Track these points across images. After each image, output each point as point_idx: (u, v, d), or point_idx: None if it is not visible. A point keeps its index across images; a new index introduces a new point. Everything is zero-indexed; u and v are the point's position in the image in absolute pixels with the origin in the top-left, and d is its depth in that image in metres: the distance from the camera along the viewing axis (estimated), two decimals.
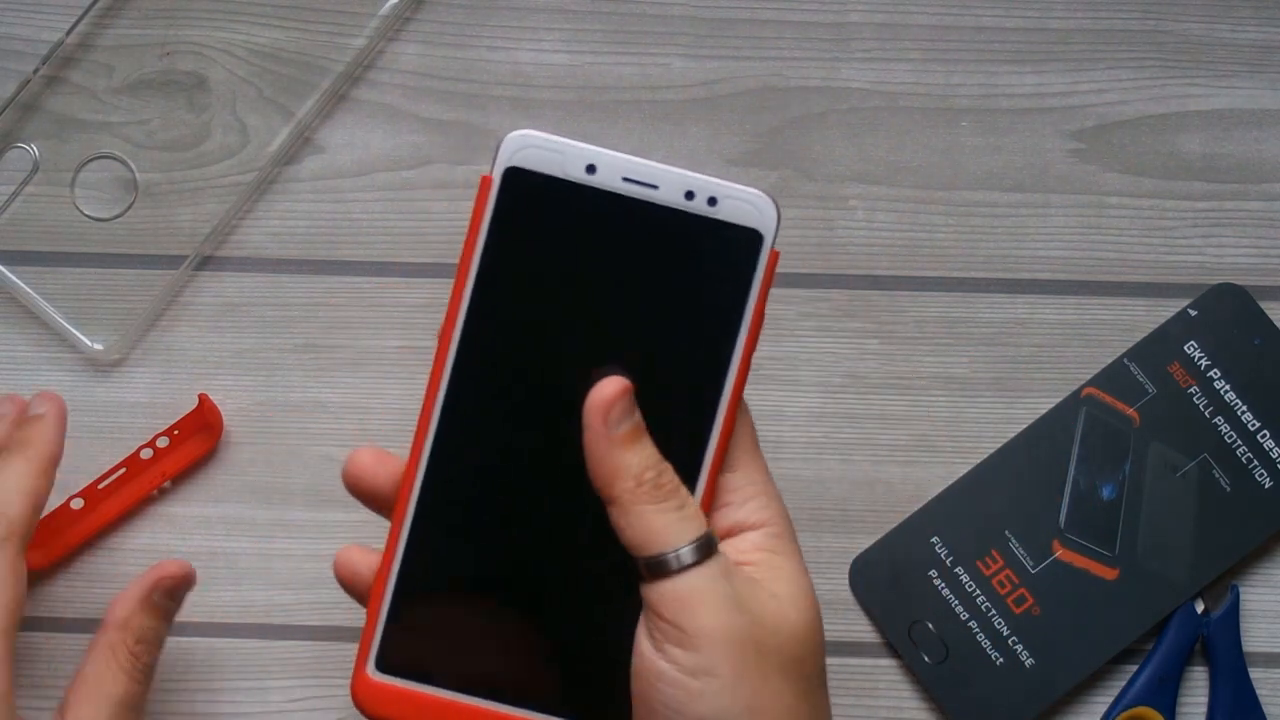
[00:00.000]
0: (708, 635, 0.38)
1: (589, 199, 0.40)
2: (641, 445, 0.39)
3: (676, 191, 0.40)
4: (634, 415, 0.39)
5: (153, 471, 0.58)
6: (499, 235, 0.40)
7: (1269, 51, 0.61)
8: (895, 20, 0.61)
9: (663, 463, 0.40)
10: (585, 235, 0.40)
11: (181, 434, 0.58)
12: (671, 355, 0.41)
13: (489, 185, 0.40)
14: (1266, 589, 0.59)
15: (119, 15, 0.60)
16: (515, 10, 0.61)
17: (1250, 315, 0.59)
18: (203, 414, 0.58)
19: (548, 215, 0.40)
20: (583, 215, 0.40)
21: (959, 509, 0.59)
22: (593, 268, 0.40)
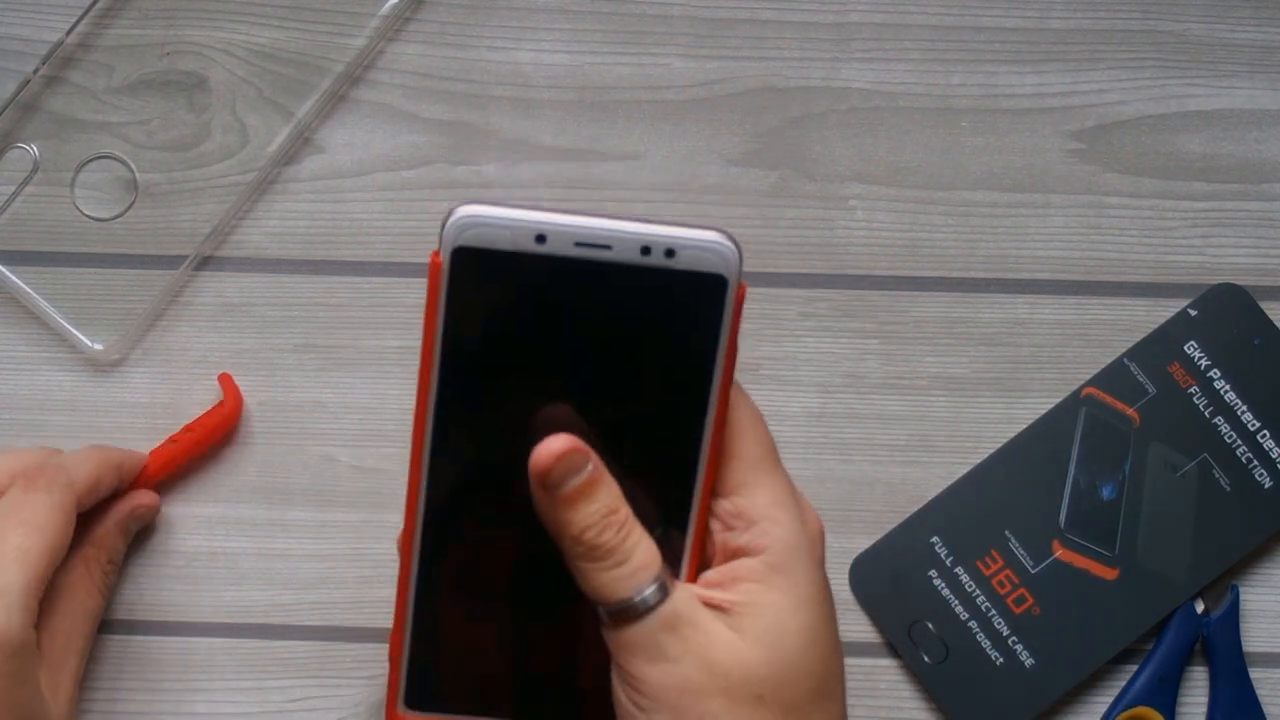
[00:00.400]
0: (646, 682, 0.40)
1: (543, 268, 0.39)
2: (584, 503, 0.40)
3: (631, 249, 0.39)
4: (578, 474, 0.40)
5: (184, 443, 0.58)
6: (457, 315, 0.40)
7: (1269, 51, 0.61)
8: (895, 20, 0.61)
9: (607, 518, 0.40)
10: (544, 304, 0.39)
11: (205, 419, 0.58)
12: (648, 406, 0.40)
13: (439, 267, 0.39)
14: (1266, 589, 0.59)
15: (119, 15, 0.59)
16: (515, 10, 0.61)
17: (1250, 315, 0.59)
18: (225, 399, 0.58)
19: (503, 290, 0.39)
20: (539, 285, 0.39)
21: (959, 509, 0.59)
22: (557, 334, 0.40)
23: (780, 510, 0.42)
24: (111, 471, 0.54)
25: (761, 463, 0.42)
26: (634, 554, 0.40)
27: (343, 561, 0.59)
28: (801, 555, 0.41)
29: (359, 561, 0.59)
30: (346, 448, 0.59)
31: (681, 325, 0.40)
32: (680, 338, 0.40)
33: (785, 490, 0.42)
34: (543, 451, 0.40)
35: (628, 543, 0.40)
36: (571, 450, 0.40)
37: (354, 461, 0.59)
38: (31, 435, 0.59)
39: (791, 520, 0.42)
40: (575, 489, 0.40)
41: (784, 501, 0.42)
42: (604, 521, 0.40)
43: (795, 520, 0.42)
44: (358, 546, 0.59)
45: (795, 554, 0.41)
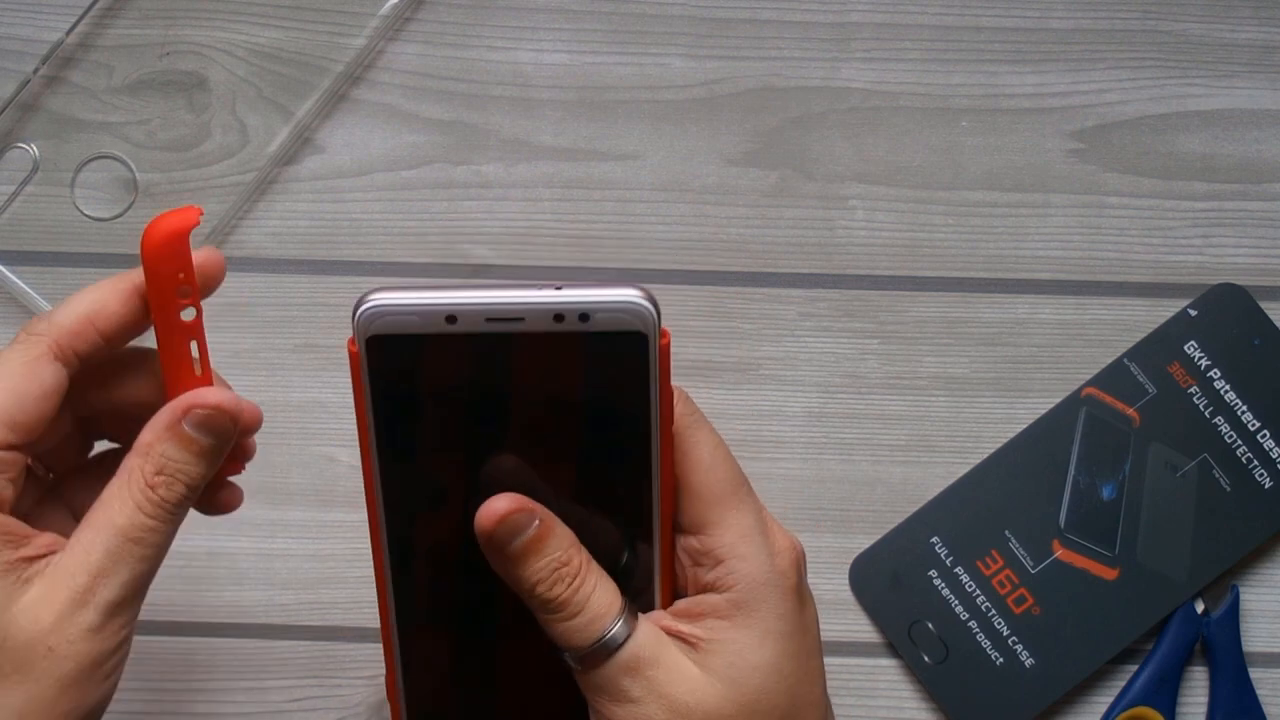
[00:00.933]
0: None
1: (459, 346, 0.39)
2: (533, 559, 0.41)
3: (544, 319, 0.38)
4: (523, 532, 0.40)
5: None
6: (383, 401, 0.40)
7: (1269, 51, 0.61)
8: (895, 20, 0.61)
9: (556, 572, 0.41)
10: (468, 378, 0.39)
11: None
12: (591, 460, 0.40)
13: (356, 357, 0.39)
14: (1266, 589, 0.59)
15: (119, 15, 0.59)
16: (515, 10, 0.61)
17: (1250, 315, 0.59)
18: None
19: (423, 370, 0.39)
20: (459, 362, 0.39)
21: (959, 509, 0.59)
22: (488, 403, 0.40)
23: (746, 545, 0.42)
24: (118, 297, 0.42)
25: (725, 498, 0.42)
26: (589, 603, 0.41)
27: (343, 561, 0.59)
28: (769, 590, 0.41)
29: (359, 561, 0.59)
30: (346, 448, 0.59)
31: (608, 382, 0.39)
32: (609, 394, 0.40)
33: (751, 524, 0.42)
34: (484, 514, 0.40)
35: (579, 594, 0.41)
36: (514, 510, 0.40)
37: (354, 461, 0.59)
38: None
39: (757, 555, 0.42)
40: (522, 546, 0.40)
41: (750, 536, 0.42)
42: (554, 576, 0.41)
43: (761, 554, 0.42)
44: (358, 546, 0.59)
45: (761, 589, 0.41)
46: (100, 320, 0.41)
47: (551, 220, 0.60)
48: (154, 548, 0.42)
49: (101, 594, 0.41)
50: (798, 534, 0.44)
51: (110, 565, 0.41)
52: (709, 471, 0.42)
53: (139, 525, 0.42)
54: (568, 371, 0.39)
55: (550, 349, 0.39)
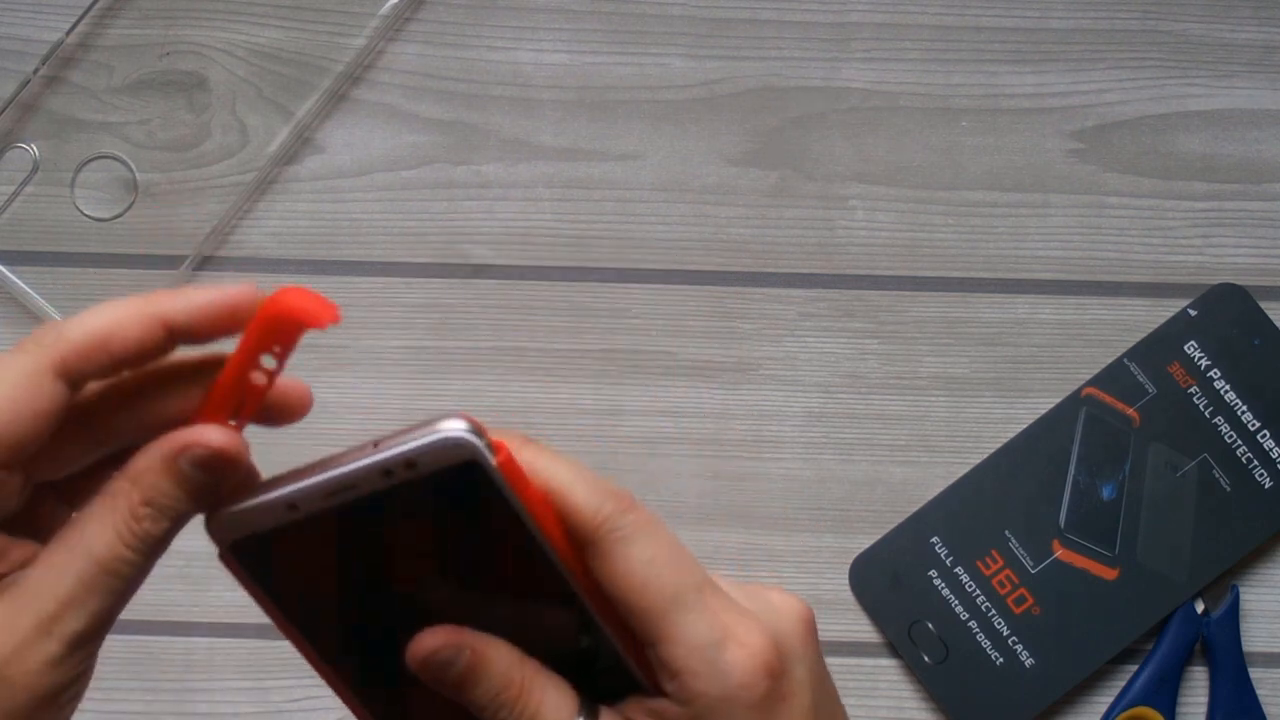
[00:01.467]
0: None
1: (314, 524, 0.39)
2: (471, 687, 0.40)
3: (376, 479, 0.38)
4: (453, 664, 0.40)
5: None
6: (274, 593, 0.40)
7: (1269, 51, 0.61)
8: (895, 20, 0.61)
9: (498, 698, 0.40)
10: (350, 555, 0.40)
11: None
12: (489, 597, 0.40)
13: (231, 564, 0.40)
14: (1266, 589, 0.59)
15: (119, 15, 0.59)
16: (515, 10, 0.60)
17: (1250, 315, 0.59)
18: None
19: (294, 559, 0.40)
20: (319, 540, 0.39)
21: (959, 509, 0.59)
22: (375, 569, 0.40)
23: (696, 660, 0.39)
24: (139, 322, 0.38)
25: (666, 612, 0.39)
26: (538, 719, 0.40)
27: None
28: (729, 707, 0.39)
29: None
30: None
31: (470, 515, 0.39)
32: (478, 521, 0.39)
33: (701, 635, 0.39)
34: (412, 652, 0.39)
35: (525, 716, 0.40)
36: (440, 646, 0.39)
37: None
38: None
39: (711, 671, 0.39)
40: (456, 678, 0.40)
41: (699, 649, 0.39)
42: (495, 702, 0.40)
43: (715, 669, 0.39)
44: None
45: (719, 705, 0.39)
46: (115, 343, 0.38)
47: (551, 220, 0.60)
48: (128, 581, 0.40)
49: (68, 624, 0.38)
50: (797, 534, 0.44)
51: (81, 594, 0.39)
52: (641, 589, 0.39)
53: (117, 556, 0.39)
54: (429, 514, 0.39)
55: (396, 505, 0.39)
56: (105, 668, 0.59)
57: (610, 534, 0.39)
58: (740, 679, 0.39)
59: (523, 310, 0.60)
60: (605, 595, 0.40)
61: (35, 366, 0.38)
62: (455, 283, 0.60)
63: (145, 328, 0.38)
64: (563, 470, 0.39)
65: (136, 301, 0.38)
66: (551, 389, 0.60)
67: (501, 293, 0.60)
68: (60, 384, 0.38)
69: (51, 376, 0.38)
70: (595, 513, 0.39)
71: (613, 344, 0.60)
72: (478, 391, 0.60)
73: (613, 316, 0.60)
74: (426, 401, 0.59)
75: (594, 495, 0.39)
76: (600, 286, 0.60)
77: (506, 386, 0.60)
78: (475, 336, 0.60)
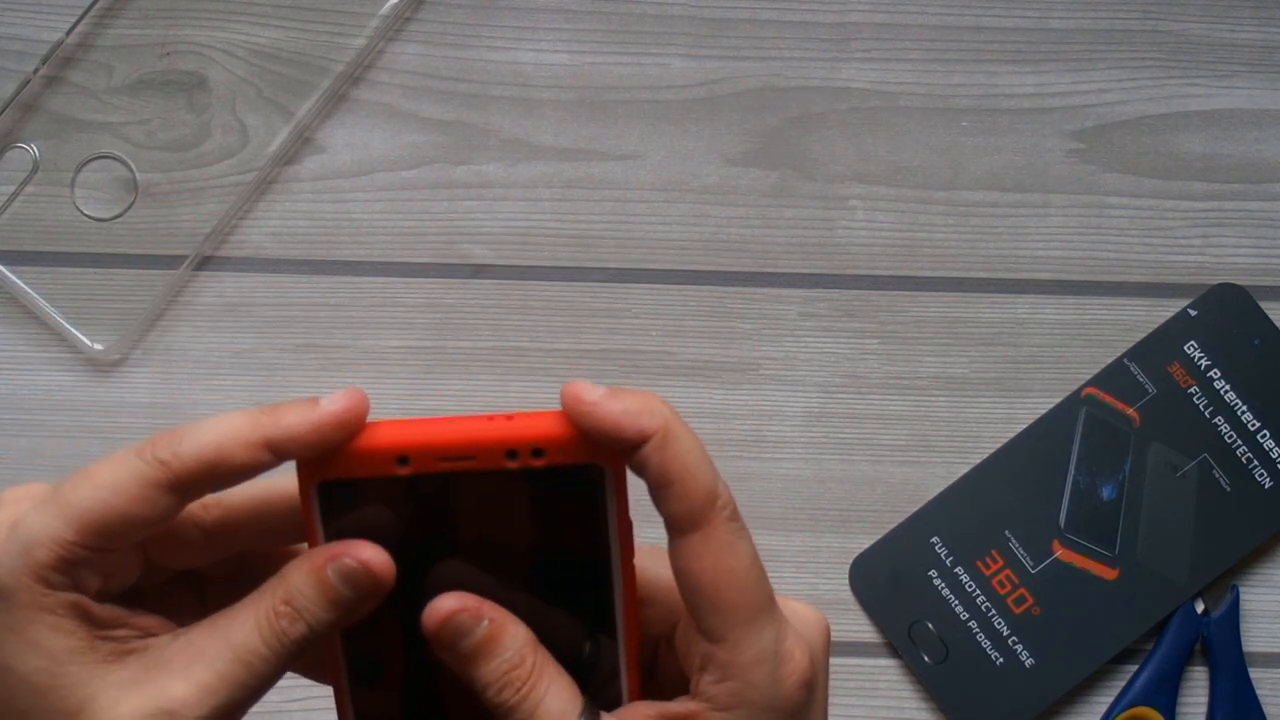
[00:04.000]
0: None
1: (411, 487, 0.38)
2: (482, 661, 0.39)
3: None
4: (469, 636, 0.39)
5: None
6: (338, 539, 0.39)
7: (1269, 51, 0.61)
8: (895, 20, 0.61)
9: (506, 675, 0.39)
10: (418, 519, 0.38)
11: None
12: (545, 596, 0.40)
13: (308, 499, 0.38)
14: (1266, 589, 0.59)
15: (119, 15, 0.60)
16: (515, 10, 0.61)
17: (1250, 315, 0.59)
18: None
19: (376, 513, 0.38)
20: (410, 504, 0.38)
21: (959, 509, 0.59)
22: (437, 543, 0.39)
23: (757, 671, 0.40)
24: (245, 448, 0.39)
25: (751, 619, 0.40)
26: (538, 711, 0.39)
27: None
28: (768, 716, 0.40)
29: None
30: None
31: (565, 517, 0.39)
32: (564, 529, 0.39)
33: (768, 647, 0.40)
34: (429, 613, 0.39)
35: (529, 700, 0.39)
36: (459, 610, 0.39)
37: None
38: (31, 435, 0.59)
39: (766, 682, 0.40)
40: (470, 648, 0.39)
41: (763, 661, 0.40)
42: (503, 680, 0.39)
43: (770, 681, 0.40)
44: None
45: (759, 715, 0.40)
46: (221, 469, 0.39)
47: (551, 220, 0.60)
48: (259, 677, 0.40)
49: (192, 711, 0.39)
50: (797, 534, 0.44)
51: (212, 682, 0.39)
52: (740, 589, 0.39)
53: (252, 649, 0.40)
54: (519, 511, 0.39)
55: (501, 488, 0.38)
56: None
57: (727, 523, 0.39)
58: (787, 692, 0.40)
59: (523, 310, 0.60)
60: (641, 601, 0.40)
61: (151, 479, 0.39)
62: (455, 283, 0.60)
63: (251, 455, 0.39)
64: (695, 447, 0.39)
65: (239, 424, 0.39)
66: (551, 389, 0.60)
67: (501, 293, 0.60)
68: (173, 499, 0.39)
69: (165, 491, 0.39)
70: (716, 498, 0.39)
71: (613, 344, 0.60)
72: (477, 391, 0.60)
73: (613, 316, 0.60)
74: (426, 401, 0.59)
75: (716, 483, 0.39)
76: (600, 286, 0.60)
77: (506, 386, 0.60)
78: (475, 336, 0.60)
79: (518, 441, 0.37)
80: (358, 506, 0.38)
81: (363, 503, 0.38)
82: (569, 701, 0.40)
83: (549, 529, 0.39)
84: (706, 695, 0.40)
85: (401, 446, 0.37)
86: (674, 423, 0.39)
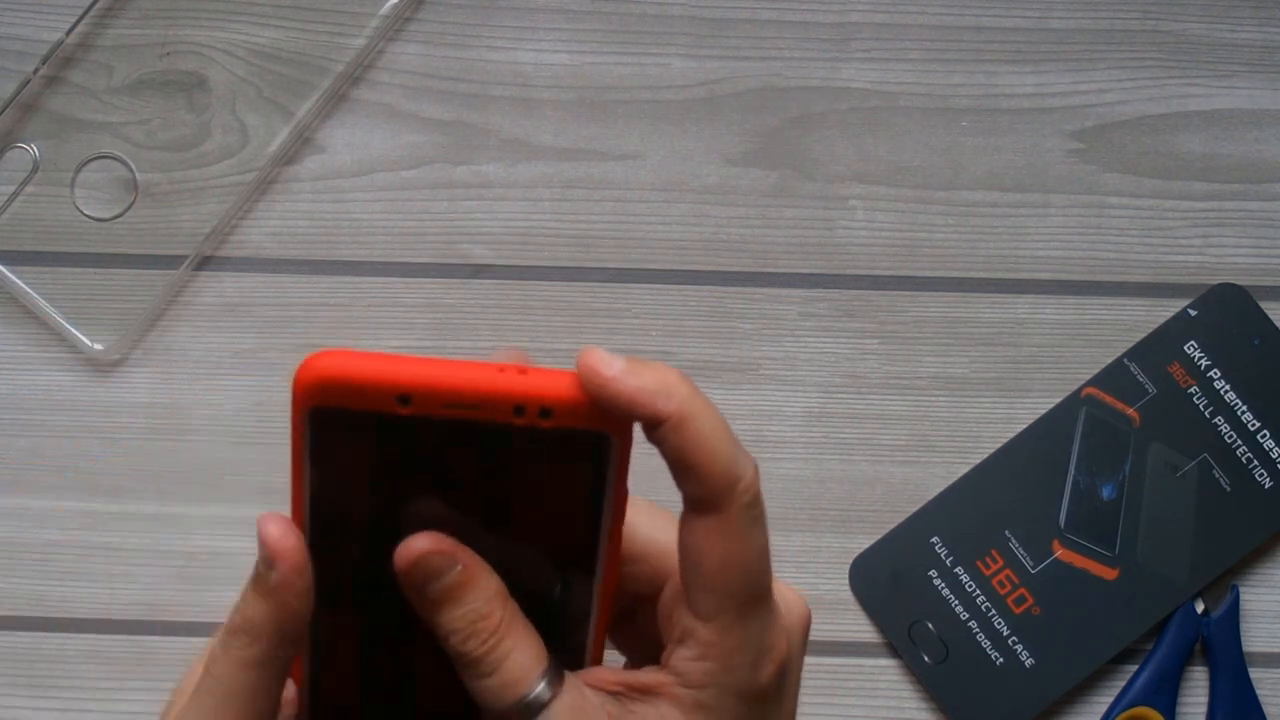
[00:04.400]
0: None
1: (408, 430, 0.36)
2: (449, 607, 0.38)
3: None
4: (439, 579, 0.38)
5: None
6: (322, 473, 0.38)
7: (1269, 51, 0.61)
8: (895, 20, 0.61)
9: (473, 624, 0.38)
10: (410, 464, 0.37)
11: None
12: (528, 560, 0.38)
13: (300, 424, 0.37)
14: (1266, 589, 0.59)
15: (119, 15, 0.59)
16: (515, 10, 0.61)
17: (1250, 315, 0.59)
18: None
19: (367, 450, 0.37)
20: (405, 447, 0.36)
21: (959, 509, 0.59)
22: (425, 492, 0.37)
23: (740, 658, 0.38)
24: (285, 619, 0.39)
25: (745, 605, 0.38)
26: (503, 665, 0.38)
27: None
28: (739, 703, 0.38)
29: None
30: None
31: (559, 480, 0.37)
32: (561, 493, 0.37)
33: (757, 638, 0.38)
34: (401, 551, 0.37)
35: (495, 653, 0.38)
36: (431, 551, 0.37)
37: None
38: (31, 435, 0.59)
39: (745, 670, 0.38)
40: (440, 591, 0.38)
41: (748, 649, 0.38)
42: (469, 629, 0.38)
43: (748, 670, 0.38)
44: None
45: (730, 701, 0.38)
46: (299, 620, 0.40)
47: (551, 220, 0.60)
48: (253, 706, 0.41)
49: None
50: (797, 534, 0.44)
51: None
52: (744, 577, 0.38)
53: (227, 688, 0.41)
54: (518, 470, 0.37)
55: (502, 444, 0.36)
56: (105, 668, 0.59)
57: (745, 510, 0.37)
58: (761, 682, 0.39)
59: (523, 310, 0.60)
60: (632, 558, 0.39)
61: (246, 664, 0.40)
62: (455, 283, 0.60)
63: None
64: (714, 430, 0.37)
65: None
66: None
67: (501, 293, 0.60)
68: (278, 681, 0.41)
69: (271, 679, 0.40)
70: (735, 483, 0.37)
71: (613, 344, 0.60)
72: None
73: (613, 316, 0.60)
74: None
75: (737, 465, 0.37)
76: (600, 286, 0.60)
77: None
78: (475, 336, 0.60)
79: (528, 399, 0.35)
80: (348, 441, 0.37)
81: (354, 438, 0.37)
82: (533, 659, 0.38)
83: (541, 489, 0.37)
84: (678, 669, 0.38)
85: (407, 385, 0.35)
86: (692, 403, 0.37)
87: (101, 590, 0.59)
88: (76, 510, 0.59)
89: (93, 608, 0.59)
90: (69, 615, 0.59)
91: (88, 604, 0.59)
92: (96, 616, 0.58)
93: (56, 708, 0.58)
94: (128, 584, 0.58)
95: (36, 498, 0.59)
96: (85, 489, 0.59)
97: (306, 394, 0.36)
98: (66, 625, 0.59)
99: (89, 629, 0.58)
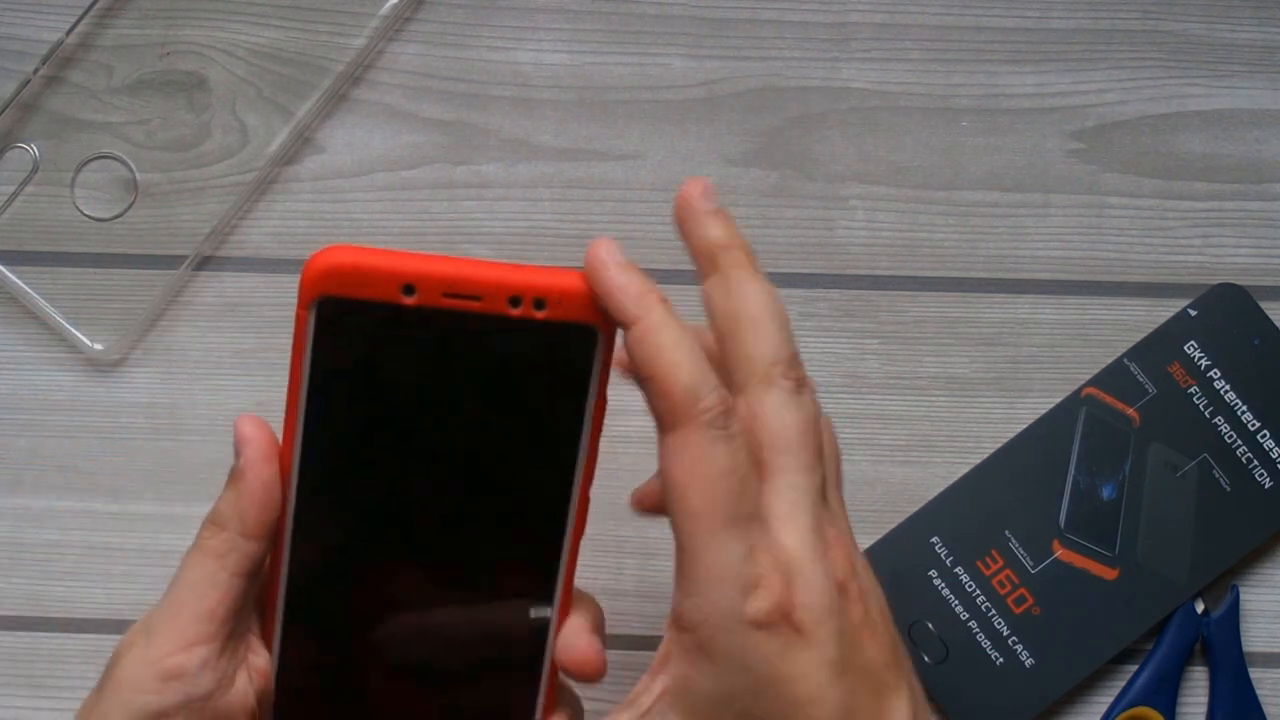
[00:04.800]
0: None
1: (410, 319, 0.37)
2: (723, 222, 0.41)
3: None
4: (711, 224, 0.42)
5: None
6: (322, 365, 0.39)
7: (1269, 51, 0.61)
8: (895, 20, 0.61)
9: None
10: (409, 355, 0.38)
11: None
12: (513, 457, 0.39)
13: (303, 319, 0.38)
14: (1266, 589, 0.59)
15: (119, 15, 0.60)
16: (515, 10, 0.61)
17: (1250, 315, 0.59)
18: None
19: (368, 341, 0.38)
20: (405, 336, 0.38)
21: (959, 509, 0.59)
22: (421, 384, 0.38)
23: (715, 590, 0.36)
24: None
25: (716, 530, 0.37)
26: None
27: None
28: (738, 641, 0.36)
29: None
30: None
31: (550, 375, 0.39)
32: (547, 388, 0.39)
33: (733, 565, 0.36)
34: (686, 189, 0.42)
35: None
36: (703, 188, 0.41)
37: None
38: (31, 435, 0.59)
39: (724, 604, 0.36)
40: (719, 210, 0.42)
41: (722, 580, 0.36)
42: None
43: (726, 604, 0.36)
44: None
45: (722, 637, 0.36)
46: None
47: (551, 220, 0.60)
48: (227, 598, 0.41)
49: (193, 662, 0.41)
50: None
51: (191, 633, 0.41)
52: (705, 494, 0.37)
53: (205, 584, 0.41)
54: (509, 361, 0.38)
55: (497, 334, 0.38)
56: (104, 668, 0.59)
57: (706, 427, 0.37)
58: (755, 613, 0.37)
59: None
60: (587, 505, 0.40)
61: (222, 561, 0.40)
62: None
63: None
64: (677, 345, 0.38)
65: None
66: None
67: None
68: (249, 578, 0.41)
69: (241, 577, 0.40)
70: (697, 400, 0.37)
71: None
72: None
73: None
74: None
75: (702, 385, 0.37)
76: None
77: None
78: None
79: (524, 288, 0.37)
80: (351, 332, 0.38)
81: (356, 329, 0.38)
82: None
83: (529, 388, 0.39)
84: (675, 612, 0.38)
85: (411, 275, 0.37)
86: (656, 317, 0.38)
87: (101, 590, 0.59)
88: (76, 510, 0.59)
89: (93, 608, 0.59)
90: (69, 615, 0.59)
91: (88, 604, 0.59)
92: (96, 616, 0.58)
93: (56, 708, 0.58)
94: (128, 584, 0.58)
95: (36, 498, 0.59)
96: (85, 489, 0.59)
97: (314, 282, 0.37)
98: (66, 625, 0.59)
99: (89, 629, 0.58)
